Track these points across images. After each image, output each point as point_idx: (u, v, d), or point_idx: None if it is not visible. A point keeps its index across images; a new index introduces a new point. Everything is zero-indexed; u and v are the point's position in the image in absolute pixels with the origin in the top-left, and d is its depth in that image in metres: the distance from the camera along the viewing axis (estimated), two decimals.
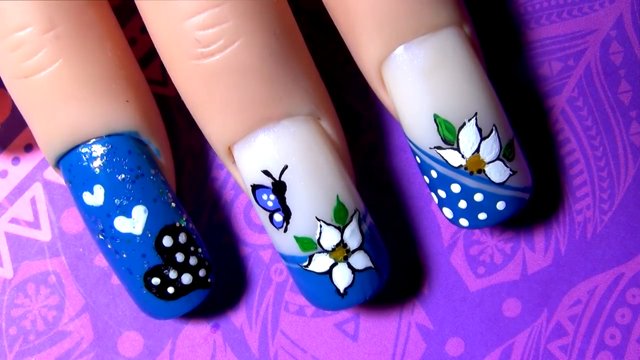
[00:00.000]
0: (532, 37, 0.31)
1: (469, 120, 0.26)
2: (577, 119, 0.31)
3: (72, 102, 0.25)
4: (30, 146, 0.30)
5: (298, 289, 0.28)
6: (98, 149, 0.26)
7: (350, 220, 0.26)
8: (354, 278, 0.26)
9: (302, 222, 0.26)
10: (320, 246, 0.26)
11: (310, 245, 0.26)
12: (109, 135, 0.26)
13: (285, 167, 0.25)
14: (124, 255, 0.26)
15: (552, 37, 0.31)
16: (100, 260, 0.30)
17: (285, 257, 0.27)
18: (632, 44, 0.31)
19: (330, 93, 0.27)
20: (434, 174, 0.27)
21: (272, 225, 0.26)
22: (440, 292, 0.31)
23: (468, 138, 0.26)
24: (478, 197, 0.27)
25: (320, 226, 0.26)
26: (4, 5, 0.24)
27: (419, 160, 0.27)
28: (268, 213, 0.26)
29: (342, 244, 0.26)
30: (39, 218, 0.30)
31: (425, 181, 0.28)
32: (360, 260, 0.26)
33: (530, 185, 0.28)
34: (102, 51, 0.25)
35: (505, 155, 0.26)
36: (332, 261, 0.26)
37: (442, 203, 0.28)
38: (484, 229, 0.31)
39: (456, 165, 0.26)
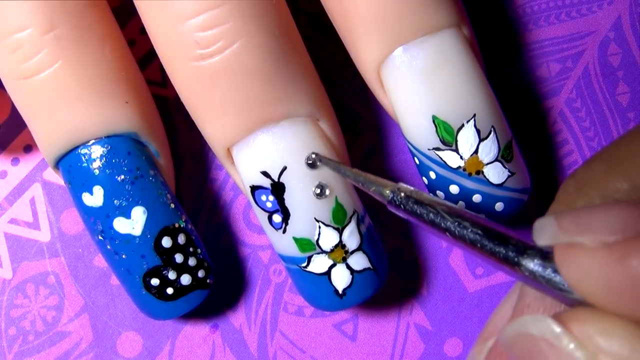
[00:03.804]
0: (531, 39, 0.31)
1: (467, 122, 0.26)
2: (575, 120, 0.31)
3: (72, 103, 0.25)
4: (29, 147, 0.30)
5: (297, 289, 0.28)
6: (97, 150, 0.26)
7: (349, 221, 0.26)
8: (352, 279, 0.26)
9: (301, 223, 0.26)
10: (319, 247, 0.26)
11: (309, 246, 0.26)
12: (108, 136, 0.26)
13: (284, 169, 0.25)
14: (123, 256, 0.26)
15: (551, 38, 0.31)
16: (100, 261, 0.30)
17: (284, 258, 0.27)
18: (630, 45, 0.31)
19: (329, 94, 0.27)
20: (432, 175, 0.27)
21: (271, 226, 0.26)
22: (438, 292, 0.31)
23: (467, 139, 0.26)
24: (476, 198, 0.27)
25: (319, 227, 0.26)
26: (3, 6, 0.24)
27: (417, 162, 0.27)
28: (267, 214, 0.26)
29: (340, 244, 0.26)
30: (38, 219, 0.30)
31: (424, 182, 0.28)
32: (359, 261, 0.26)
33: (529, 186, 0.28)
34: (102, 52, 0.25)
35: (504, 156, 0.26)
36: (330, 262, 0.26)
37: None
38: None
39: (455, 166, 0.26)
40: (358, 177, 0.23)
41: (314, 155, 0.25)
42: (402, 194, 0.22)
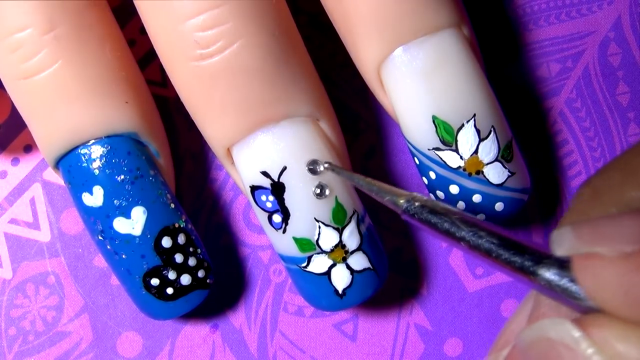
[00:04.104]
0: (531, 39, 0.31)
1: (467, 122, 0.26)
2: (575, 120, 0.31)
3: (72, 103, 0.25)
4: (29, 147, 0.30)
5: (297, 289, 0.28)
6: (97, 150, 0.26)
7: (349, 221, 0.26)
8: (352, 279, 0.26)
9: (301, 223, 0.26)
10: (319, 247, 0.26)
11: (309, 246, 0.26)
12: (108, 136, 0.26)
13: (284, 169, 0.25)
14: (123, 256, 0.26)
15: (551, 38, 0.31)
16: (100, 261, 0.30)
17: (284, 258, 0.27)
18: (630, 45, 0.31)
19: (329, 94, 0.27)
20: (432, 175, 0.27)
21: (271, 226, 0.26)
22: (438, 292, 0.31)
23: (467, 139, 0.26)
24: (476, 198, 0.27)
25: (319, 227, 0.26)
26: (3, 6, 0.24)
27: (417, 162, 0.27)
28: (267, 214, 0.26)
29: (340, 244, 0.26)
30: (38, 219, 0.30)
31: (424, 182, 0.28)
32: (359, 261, 0.26)
33: (529, 186, 0.28)
34: (102, 52, 0.25)
35: (504, 156, 0.26)
36: (330, 262, 0.26)
37: None
38: None
39: (455, 166, 0.26)
40: (372, 186, 0.23)
41: (326, 165, 0.25)
42: (417, 204, 0.21)
